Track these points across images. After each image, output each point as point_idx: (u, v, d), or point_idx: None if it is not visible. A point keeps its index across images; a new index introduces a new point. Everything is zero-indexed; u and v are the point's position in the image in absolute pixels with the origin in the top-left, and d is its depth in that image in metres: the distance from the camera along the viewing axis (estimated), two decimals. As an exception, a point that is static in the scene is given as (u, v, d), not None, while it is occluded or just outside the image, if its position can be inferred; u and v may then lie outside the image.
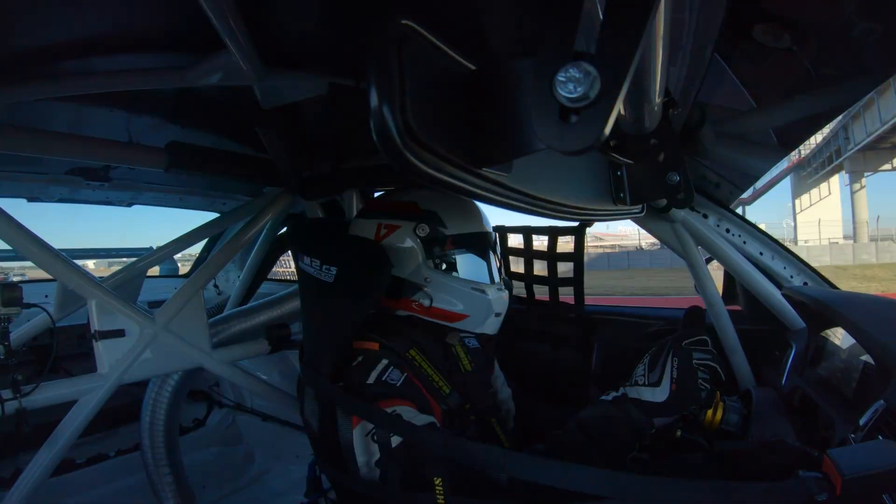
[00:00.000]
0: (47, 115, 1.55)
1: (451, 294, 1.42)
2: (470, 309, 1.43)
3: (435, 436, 1.07)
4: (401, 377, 1.27)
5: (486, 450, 0.99)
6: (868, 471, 0.73)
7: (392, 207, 1.48)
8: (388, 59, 0.52)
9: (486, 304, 1.43)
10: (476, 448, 0.98)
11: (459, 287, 1.42)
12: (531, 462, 0.92)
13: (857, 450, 0.88)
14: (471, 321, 1.44)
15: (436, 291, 1.42)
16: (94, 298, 1.81)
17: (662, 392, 1.21)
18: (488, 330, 1.47)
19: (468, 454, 0.99)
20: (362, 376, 1.26)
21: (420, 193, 1.46)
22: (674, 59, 0.87)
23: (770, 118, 1.37)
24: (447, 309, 1.43)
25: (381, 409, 1.15)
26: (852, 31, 1.01)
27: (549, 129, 0.50)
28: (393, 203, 1.49)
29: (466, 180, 0.63)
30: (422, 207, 1.43)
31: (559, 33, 0.49)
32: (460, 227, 1.43)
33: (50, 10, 1.00)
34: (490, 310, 1.44)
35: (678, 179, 1.18)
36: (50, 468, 1.71)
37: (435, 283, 1.41)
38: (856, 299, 1.45)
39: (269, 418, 3.25)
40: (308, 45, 1.23)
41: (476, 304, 1.43)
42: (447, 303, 1.42)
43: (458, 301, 1.42)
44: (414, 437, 1.10)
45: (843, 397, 1.25)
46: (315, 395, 1.34)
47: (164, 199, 2.79)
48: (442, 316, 1.43)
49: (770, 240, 1.73)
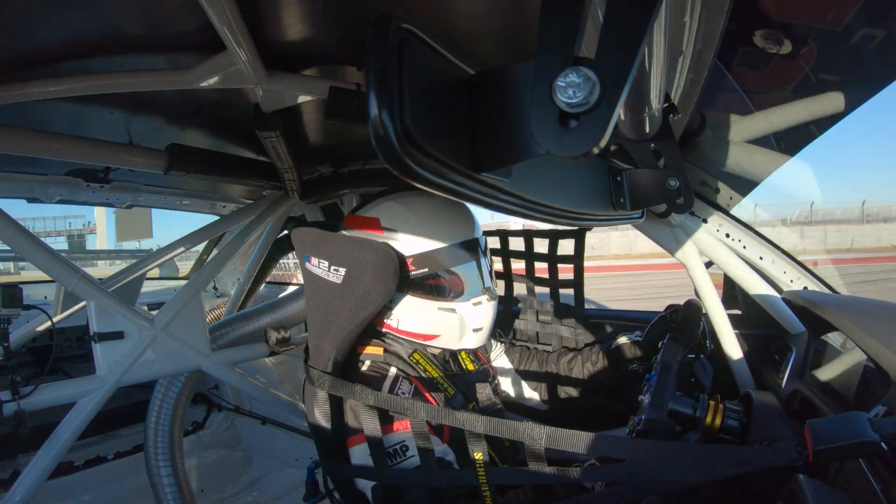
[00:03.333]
0: (48, 116, 1.55)
1: (416, 315, 1.38)
2: (440, 329, 1.39)
3: (473, 416, 1.09)
4: (410, 389, 1.27)
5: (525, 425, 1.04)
6: (836, 443, 0.83)
7: (358, 223, 1.44)
8: (388, 64, 0.51)
9: (458, 322, 1.39)
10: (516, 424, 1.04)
11: (423, 308, 1.37)
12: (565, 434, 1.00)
13: (832, 420, 0.99)
14: (445, 339, 1.41)
15: (401, 313, 1.38)
16: (93, 300, 1.81)
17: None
18: (468, 345, 1.43)
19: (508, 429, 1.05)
20: (374, 387, 1.24)
21: (389, 206, 1.41)
22: (674, 65, 0.87)
23: (770, 123, 1.37)
24: (415, 331, 1.39)
25: (408, 399, 1.16)
26: (852, 36, 1.01)
27: (548, 135, 0.50)
28: (359, 218, 1.44)
29: (465, 185, 0.63)
30: (383, 225, 1.38)
31: (559, 38, 0.49)
32: (422, 244, 1.36)
33: (51, 12, 1.00)
34: (464, 327, 1.40)
35: (678, 184, 1.17)
36: (48, 470, 1.70)
37: (398, 304, 1.38)
38: (856, 303, 1.45)
39: (268, 421, 3.24)
40: (309, 48, 1.24)
41: (446, 324, 1.38)
42: (414, 324, 1.39)
43: (425, 322, 1.38)
44: (450, 419, 1.12)
45: (844, 402, 1.24)
46: (326, 397, 1.33)
47: (164, 202, 2.79)
48: (412, 336, 1.40)
49: (770, 244, 1.73)
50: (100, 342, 1.81)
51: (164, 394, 2.34)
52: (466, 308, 1.39)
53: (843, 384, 1.31)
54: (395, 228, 1.36)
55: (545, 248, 2.12)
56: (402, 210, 1.39)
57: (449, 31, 1.10)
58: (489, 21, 1.06)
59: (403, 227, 1.36)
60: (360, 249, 1.28)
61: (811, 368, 1.50)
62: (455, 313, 1.38)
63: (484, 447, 1.10)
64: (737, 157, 1.55)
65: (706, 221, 1.70)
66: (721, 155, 1.54)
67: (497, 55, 1.21)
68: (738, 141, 1.46)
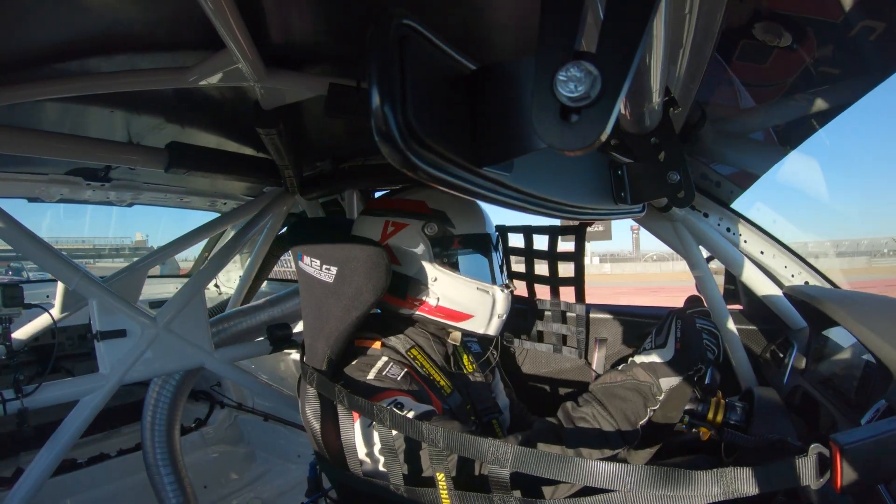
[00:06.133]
0: (48, 115, 1.55)
1: (457, 293, 1.42)
2: (475, 309, 1.43)
3: (435, 429, 1.01)
4: (400, 372, 1.28)
5: (490, 444, 0.95)
6: (865, 438, 0.74)
7: (400, 205, 1.48)
8: (390, 59, 0.51)
9: (491, 303, 1.44)
10: (481, 441, 0.96)
11: (465, 286, 1.42)
12: (535, 456, 0.92)
13: (857, 430, 0.86)
14: (475, 321, 1.44)
15: (442, 290, 1.42)
16: (95, 298, 1.81)
17: (668, 352, 1.25)
18: (491, 331, 1.47)
19: (472, 448, 0.95)
20: (362, 373, 1.27)
21: (429, 192, 1.46)
22: (674, 58, 0.87)
23: (770, 116, 1.37)
24: (453, 308, 1.43)
25: (380, 406, 1.13)
26: (852, 29, 1.01)
27: (549, 129, 0.50)
28: (401, 201, 1.49)
29: (467, 179, 0.63)
30: (430, 206, 1.43)
31: (560, 32, 0.49)
32: (468, 227, 1.44)
33: (51, 12, 1.00)
34: (494, 310, 1.45)
35: (679, 178, 1.18)
36: (51, 468, 1.71)
37: (442, 281, 1.41)
38: (857, 298, 1.45)
39: (270, 418, 3.26)
40: (309, 45, 1.23)
41: (481, 304, 1.43)
42: (453, 302, 1.42)
43: (464, 300, 1.42)
44: (414, 431, 1.08)
45: (845, 397, 1.24)
46: (316, 394, 1.34)
47: (165, 200, 2.80)
48: (447, 315, 1.43)
49: (771, 238, 1.73)
50: (102, 340, 1.82)
51: (159, 392, 2.35)
52: (498, 292, 1.45)
53: (845, 379, 1.31)
54: (444, 210, 1.43)
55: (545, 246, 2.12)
56: (446, 195, 1.44)
57: (450, 25, 1.09)
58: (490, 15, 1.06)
59: (451, 209, 1.43)
60: (351, 248, 1.29)
61: (812, 363, 1.50)
62: (489, 294, 1.43)
63: (447, 467, 1.03)
64: (737, 150, 1.55)
65: (707, 216, 1.70)
66: (722, 148, 1.54)
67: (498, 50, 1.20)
68: (739, 134, 1.46)
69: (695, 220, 1.67)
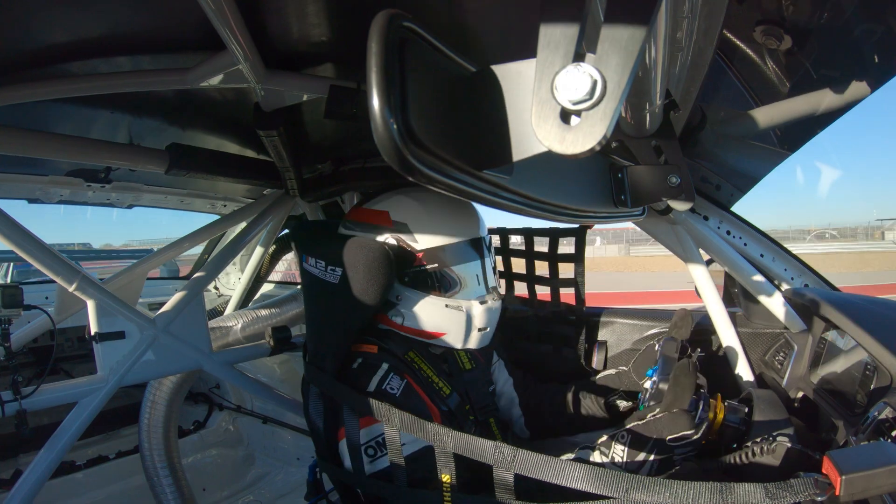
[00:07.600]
0: (49, 116, 1.55)
1: (422, 312, 1.36)
2: (446, 327, 1.37)
3: (441, 430, 1.03)
4: (400, 385, 1.25)
5: (492, 446, 0.96)
6: (867, 469, 0.74)
7: (365, 217, 1.42)
8: (390, 61, 0.51)
9: (465, 320, 1.37)
10: (482, 444, 0.96)
11: (431, 305, 1.35)
12: (538, 460, 0.92)
13: (856, 451, 0.88)
14: (450, 338, 1.38)
15: (407, 309, 1.36)
16: (94, 300, 1.81)
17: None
18: (471, 345, 1.41)
19: (475, 449, 0.96)
20: (363, 381, 1.25)
21: (395, 201, 1.39)
22: (674, 61, 0.87)
23: (771, 119, 1.37)
24: (420, 328, 1.37)
25: (386, 406, 1.12)
26: (853, 32, 1.01)
27: (550, 132, 0.50)
28: (366, 212, 1.43)
29: (467, 182, 0.63)
30: (393, 218, 1.36)
31: (561, 35, 0.49)
32: (433, 240, 1.35)
33: (52, 13, 1.00)
34: (472, 325, 1.38)
35: (679, 181, 1.17)
36: (50, 470, 1.70)
37: (405, 300, 1.35)
38: (857, 301, 1.44)
39: (269, 420, 3.24)
40: (309, 47, 1.23)
41: (452, 321, 1.37)
42: (420, 321, 1.36)
43: (432, 319, 1.36)
44: (420, 431, 1.07)
45: (845, 399, 1.24)
46: (319, 394, 1.34)
47: (165, 201, 2.79)
48: (417, 333, 1.38)
49: (771, 241, 1.73)
50: (101, 342, 1.81)
51: (155, 395, 2.34)
52: (474, 307, 1.38)
53: (845, 382, 1.30)
54: (405, 222, 1.35)
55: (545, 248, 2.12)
56: (413, 204, 1.38)
57: (450, 28, 1.09)
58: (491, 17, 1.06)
59: (414, 222, 1.35)
60: (356, 249, 1.28)
61: (812, 366, 1.50)
62: (462, 311, 1.36)
63: (452, 468, 1.03)
64: (738, 153, 1.54)
65: (707, 218, 1.70)
66: (722, 151, 1.54)
67: (499, 52, 1.20)
68: (739, 137, 1.46)
69: (695, 223, 1.67)
